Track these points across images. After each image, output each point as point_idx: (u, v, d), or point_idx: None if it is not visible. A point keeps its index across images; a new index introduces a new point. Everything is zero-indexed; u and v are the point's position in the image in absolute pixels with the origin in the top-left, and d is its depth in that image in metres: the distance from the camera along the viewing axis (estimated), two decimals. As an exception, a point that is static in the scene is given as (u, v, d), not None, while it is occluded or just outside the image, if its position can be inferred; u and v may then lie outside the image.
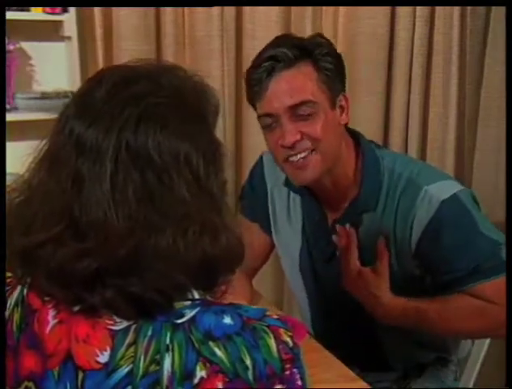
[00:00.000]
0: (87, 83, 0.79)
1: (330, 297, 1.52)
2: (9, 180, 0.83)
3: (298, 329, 1.34)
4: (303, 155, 1.32)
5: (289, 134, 1.29)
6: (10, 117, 2.01)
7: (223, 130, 2.52)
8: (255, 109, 1.35)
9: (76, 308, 0.74)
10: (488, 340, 1.54)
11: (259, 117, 1.34)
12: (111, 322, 0.72)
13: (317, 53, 1.31)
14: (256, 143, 2.53)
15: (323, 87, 1.31)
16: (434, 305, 1.31)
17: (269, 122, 1.32)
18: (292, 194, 1.52)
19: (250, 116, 2.68)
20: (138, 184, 0.71)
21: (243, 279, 1.52)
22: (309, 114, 1.29)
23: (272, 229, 1.59)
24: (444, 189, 1.34)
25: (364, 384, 1.23)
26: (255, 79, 1.31)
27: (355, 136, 1.43)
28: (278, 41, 1.36)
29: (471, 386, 1.55)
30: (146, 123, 0.72)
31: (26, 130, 1.86)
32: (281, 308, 2.43)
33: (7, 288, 0.81)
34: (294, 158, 1.32)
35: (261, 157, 1.62)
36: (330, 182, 1.40)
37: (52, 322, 0.75)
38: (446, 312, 1.31)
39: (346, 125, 1.40)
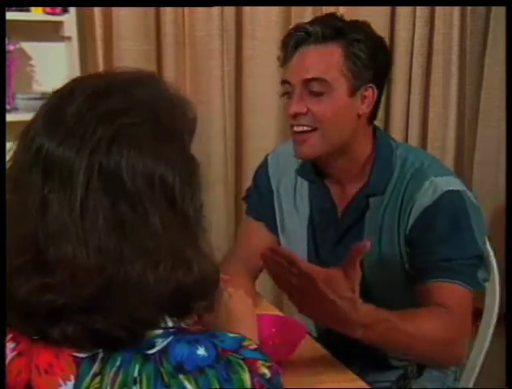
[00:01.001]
0: (56, 96, 0.74)
1: None
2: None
3: (298, 330, 1.34)
4: (302, 129, 1.34)
5: (295, 104, 1.32)
6: (10, 117, 2.01)
7: (223, 131, 2.52)
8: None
9: (36, 336, 0.70)
10: (488, 341, 1.54)
11: (281, 82, 1.38)
12: (76, 349, 0.68)
13: (351, 38, 1.31)
14: (256, 144, 2.54)
15: (346, 72, 1.31)
16: (404, 320, 1.21)
17: (287, 89, 1.36)
18: (298, 185, 1.53)
19: (250, 116, 2.70)
20: (109, 212, 0.67)
21: (243, 277, 1.51)
22: (322, 93, 1.31)
23: (278, 228, 1.59)
24: (451, 183, 1.34)
25: (363, 384, 1.22)
26: (285, 45, 1.35)
27: (373, 128, 1.45)
28: (321, 18, 1.40)
29: (470, 386, 1.55)
30: (119, 144, 0.68)
31: (26, 130, 1.86)
32: (281, 308, 2.43)
33: None
34: (296, 129, 1.35)
35: (266, 157, 1.63)
36: (341, 168, 1.41)
37: (10, 355, 0.71)
38: (415, 324, 1.22)
39: (371, 117, 1.40)
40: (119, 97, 0.72)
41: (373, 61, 1.33)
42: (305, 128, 1.34)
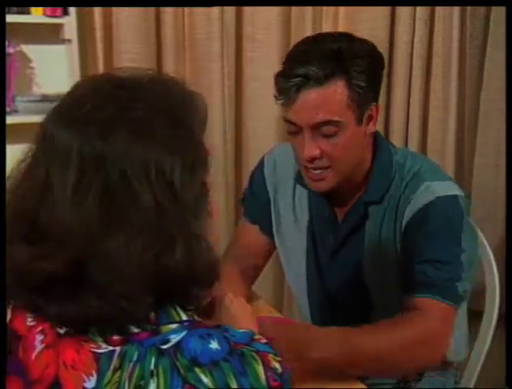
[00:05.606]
0: (71, 90, 0.80)
1: (333, 295, 1.52)
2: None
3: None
4: (318, 171, 1.33)
5: (309, 148, 1.30)
6: (10, 119, 2.02)
7: (223, 133, 2.52)
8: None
9: (62, 331, 0.73)
10: (488, 341, 1.54)
11: (285, 120, 1.34)
12: (95, 345, 0.71)
13: (353, 71, 1.27)
14: (256, 146, 2.54)
15: (352, 105, 1.28)
16: (365, 336, 1.25)
17: (293, 130, 1.33)
18: (297, 192, 1.53)
19: (251, 119, 2.70)
20: (100, 189, 0.71)
21: (237, 277, 1.51)
22: (333, 133, 1.29)
23: (274, 232, 1.59)
24: (446, 188, 1.34)
25: (363, 386, 1.23)
26: (284, 89, 1.29)
27: (374, 136, 1.43)
28: (310, 52, 1.29)
29: (471, 386, 1.55)
30: (116, 127, 0.72)
31: (26, 132, 1.85)
32: (281, 310, 2.43)
33: None
34: (311, 171, 1.34)
35: (262, 159, 1.62)
36: (342, 184, 1.40)
37: (39, 347, 0.74)
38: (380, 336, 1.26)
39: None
40: (126, 90, 0.76)
41: (373, 82, 1.32)
42: (320, 170, 1.33)
